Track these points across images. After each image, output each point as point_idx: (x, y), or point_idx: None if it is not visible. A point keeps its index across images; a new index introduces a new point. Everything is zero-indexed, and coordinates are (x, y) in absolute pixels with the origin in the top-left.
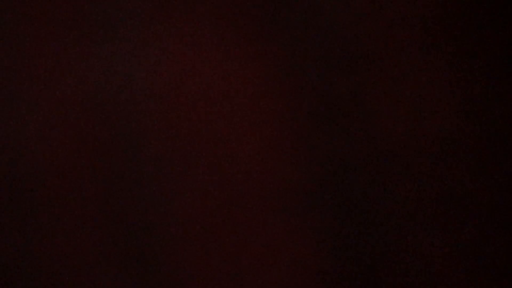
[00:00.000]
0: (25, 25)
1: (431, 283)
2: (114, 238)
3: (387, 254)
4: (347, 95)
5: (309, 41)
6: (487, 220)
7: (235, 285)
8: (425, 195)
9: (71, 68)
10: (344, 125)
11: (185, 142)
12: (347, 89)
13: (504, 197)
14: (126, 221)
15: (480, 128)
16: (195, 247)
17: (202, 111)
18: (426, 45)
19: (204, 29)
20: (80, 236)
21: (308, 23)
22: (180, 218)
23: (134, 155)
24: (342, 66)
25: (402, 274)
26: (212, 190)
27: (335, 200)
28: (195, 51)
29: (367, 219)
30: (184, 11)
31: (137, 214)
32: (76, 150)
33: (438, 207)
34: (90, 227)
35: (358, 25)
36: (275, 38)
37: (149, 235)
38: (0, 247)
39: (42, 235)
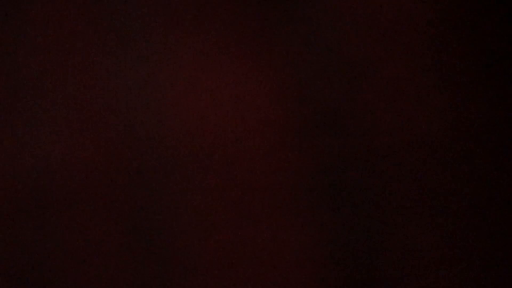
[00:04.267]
0: (50, 37)
1: (429, 279)
2: (129, 234)
3: (384, 250)
4: (345, 98)
5: (310, 49)
6: (480, 216)
7: (240, 276)
8: (422, 193)
9: (91, 78)
10: (343, 127)
11: (196, 144)
12: (346, 92)
13: (498, 194)
14: (140, 217)
15: (474, 127)
16: (202, 241)
17: (211, 115)
18: (421, 49)
19: (212, 41)
20: (98, 232)
21: (309, 33)
22: (190, 215)
23: (150, 156)
24: (341, 70)
25: (400, 269)
26: (220, 188)
27: (334, 199)
28: (204, 61)
29: (366, 217)
30: (194, 25)
31: (151, 211)
32: (93, 152)
33: (435, 204)
34: (105, 223)
35: (355, 31)
36: (278, 49)
37: (162, 231)
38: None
39: (61, 231)
